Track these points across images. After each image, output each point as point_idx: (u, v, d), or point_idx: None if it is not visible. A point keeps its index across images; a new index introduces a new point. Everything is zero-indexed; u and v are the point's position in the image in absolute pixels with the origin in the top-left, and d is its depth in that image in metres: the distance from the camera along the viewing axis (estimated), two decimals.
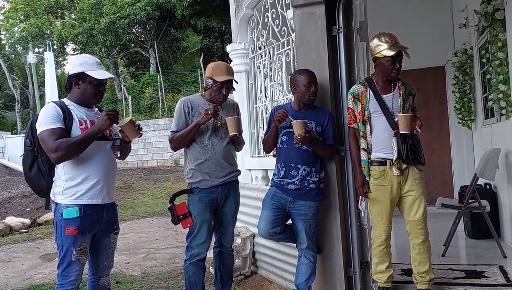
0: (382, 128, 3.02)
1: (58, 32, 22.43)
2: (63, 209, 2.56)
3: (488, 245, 4.35)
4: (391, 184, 3.01)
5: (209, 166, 3.16)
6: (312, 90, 3.08)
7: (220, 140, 3.19)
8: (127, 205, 10.45)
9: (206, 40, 24.04)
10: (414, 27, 6.18)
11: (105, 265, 2.82)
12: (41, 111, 2.60)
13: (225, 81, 3.14)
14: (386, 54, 2.92)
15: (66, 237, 2.56)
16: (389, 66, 2.95)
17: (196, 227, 3.14)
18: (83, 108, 2.67)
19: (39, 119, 2.55)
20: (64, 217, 2.55)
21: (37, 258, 6.03)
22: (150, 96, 20.50)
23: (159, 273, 4.82)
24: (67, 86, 2.71)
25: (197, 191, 3.16)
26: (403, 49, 2.93)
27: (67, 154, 2.50)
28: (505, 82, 4.21)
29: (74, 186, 2.58)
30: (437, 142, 6.51)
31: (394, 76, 3.00)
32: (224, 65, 3.23)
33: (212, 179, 3.16)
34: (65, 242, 2.57)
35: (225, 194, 3.22)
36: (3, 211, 9.80)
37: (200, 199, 3.15)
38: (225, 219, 3.28)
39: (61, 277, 2.60)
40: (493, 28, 4.39)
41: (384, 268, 3.10)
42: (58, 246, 2.61)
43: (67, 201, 2.57)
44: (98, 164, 2.64)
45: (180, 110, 3.21)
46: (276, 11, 4.05)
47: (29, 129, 2.64)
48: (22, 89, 25.73)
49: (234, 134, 3.08)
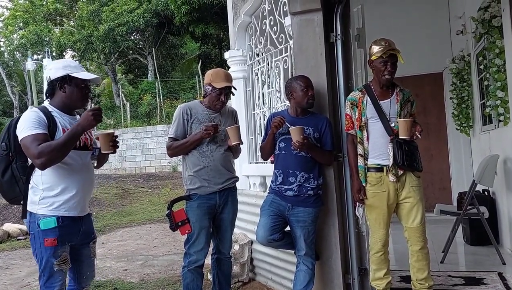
0: (378, 134, 3.02)
1: (57, 39, 22.49)
2: (39, 220, 2.46)
3: (487, 252, 4.34)
4: (388, 190, 3.01)
5: (207, 172, 3.16)
6: (310, 94, 3.09)
7: (218, 147, 3.19)
8: (125, 211, 10.42)
9: (204, 47, 24.10)
10: (412, 34, 6.21)
11: (89, 275, 2.77)
12: (23, 116, 2.48)
13: (224, 87, 3.14)
14: (378, 55, 2.95)
15: (46, 248, 2.47)
16: (381, 68, 2.97)
17: (194, 234, 3.12)
18: (66, 115, 2.58)
19: (21, 124, 2.43)
20: (41, 228, 2.45)
21: (35, 265, 5.98)
22: (148, 102, 20.52)
23: (157, 280, 4.80)
24: (48, 91, 2.59)
25: (196, 198, 3.15)
26: (396, 52, 2.95)
27: (51, 159, 2.39)
28: (502, 88, 4.22)
29: (52, 197, 2.48)
30: (435, 149, 6.52)
31: (386, 80, 3.00)
32: (223, 72, 3.23)
33: (210, 186, 3.16)
34: (44, 254, 2.48)
35: (223, 200, 3.22)
36: (1, 217, 9.78)
37: (198, 206, 3.15)
38: (223, 226, 3.27)
39: (45, 289, 2.54)
40: (490, 34, 4.42)
41: (382, 274, 3.09)
42: (37, 258, 2.53)
43: (43, 211, 2.46)
44: (77, 176, 2.56)
45: (179, 116, 3.20)
46: (274, 18, 4.06)
47: (6, 133, 2.53)
48: (20, 95, 25.75)
49: (237, 143, 3.09)
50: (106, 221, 9.26)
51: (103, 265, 5.69)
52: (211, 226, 3.24)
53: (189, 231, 3.06)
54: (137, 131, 16.93)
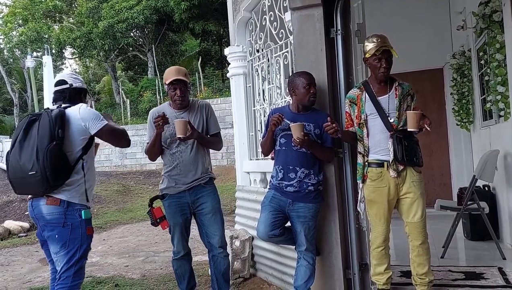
0: (378, 130, 3.02)
1: (57, 36, 22.45)
2: (81, 210, 2.66)
3: (487, 247, 4.35)
4: (388, 185, 3.01)
5: (177, 172, 3.33)
6: (312, 92, 3.08)
7: (187, 147, 3.32)
8: (126, 208, 10.44)
9: (204, 43, 24.09)
10: (412, 30, 6.20)
11: None
12: (89, 110, 2.75)
13: (174, 81, 3.24)
14: (371, 52, 2.94)
15: (88, 236, 2.67)
16: (376, 65, 2.96)
17: (171, 229, 3.39)
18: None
19: (96, 116, 2.71)
20: (83, 217, 2.65)
21: (36, 262, 6.02)
22: (148, 99, 20.50)
23: (159, 276, 4.81)
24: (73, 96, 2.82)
25: (167, 197, 3.38)
26: (389, 47, 2.94)
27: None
28: (503, 83, 4.22)
29: (88, 189, 2.73)
30: (435, 144, 6.52)
31: (382, 76, 2.99)
32: (174, 68, 3.36)
33: (178, 185, 3.34)
34: (85, 242, 2.67)
35: (194, 197, 3.35)
36: (2, 215, 9.79)
37: (169, 205, 3.38)
38: (205, 220, 3.39)
39: (72, 278, 2.64)
40: (491, 30, 4.41)
41: (383, 269, 3.10)
42: (71, 248, 2.64)
43: (83, 202, 2.70)
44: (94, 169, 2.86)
45: (149, 121, 3.40)
46: (274, 13, 4.05)
47: (60, 121, 2.62)
48: (20, 93, 25.74)
49: (179, 137, 3.16)
50: (107, 217, 9.28)
51: (105, 262, 5.70)
52: (187, 221, 3.42)
53: (168, 226, 3.34)
54: (137, 128, 16.87)
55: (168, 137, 3.32)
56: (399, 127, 2.99)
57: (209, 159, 3.49)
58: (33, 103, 21.22)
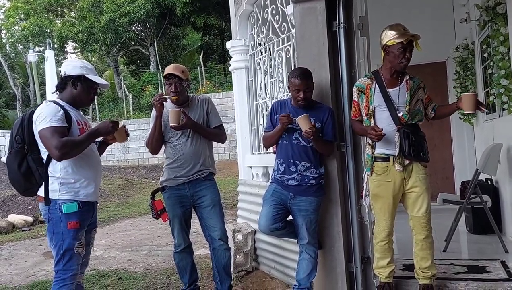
0: (385, 123, 2.96)
1: (58, 31, 22.40)
2: (61, 205, 2.62)
3: (489, 240, 4.34)
4: (394, 180, 2.99)
5: (177, 165, 3.38)
6: (300, 97, 3.03)
7: (188, 140, 3.37)
8: (129, 202, 10.47)
9: (206, 37, 24.00)
10: (415, 22, 6.06)
11: (84, 261, 2.88)
12: (42, 109, 2.64)
13: (168, 75, 3.33)
14: (397, 40, 2.86)
15: (68, 231, 2.62)
16: (399, 55, 2.88)
17: (171, 221, 3.45)
18: (74, 109, 2.78)
19: (42, 116, 2.58)
20: (64, 212, 2.61)
21: (40, 255, 6.05)
22: (150, 94, 20.47)
23: (162, 270, 4.83)
24: (60, 85, 2.77)
25: (167, 189, 3.45)
26: (415, 37, 2.88)
27: (70, 153, 2.59)
28: (506, 76, 4.20)
29: (72, 183, 2.66)
30: (438, 138, 6.49)
31: (403, 67, 2.92)
32: (173, 64, 3.46)
33: (177, 178, 3.39)
34: (67, 236, 2.62)
35: (193, 190, 3.40)
36: (6, 209, 9.84)
37: (169, 197, 3.44)
38: (204, 213, 3.43)
39: (63, 272, 2.64)
40: (494, 22, 4.37)
41: (386, 263, 3.10)
42: (56, 242, 2.65)
43: (65, 197, 2.63)
44: (93, 164, 2.78)
45: (151, 117, 3.47)
46: (276, 6, 4.04)
47: (20, 126, 2.66)
48: (23, 87, 25.74)
49: (172, 125, 3.23)
50: (110, 212, 9.31)
51: (108, 255, 5.73)
52: (186, 213, 3.47)
53: (168, 219, 3.41)
54: (139, 122, 16.88)
55: (169, 131, 3.38)
56: (408, 121, 2.96)
57: (210, 154, 3.51)
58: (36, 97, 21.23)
